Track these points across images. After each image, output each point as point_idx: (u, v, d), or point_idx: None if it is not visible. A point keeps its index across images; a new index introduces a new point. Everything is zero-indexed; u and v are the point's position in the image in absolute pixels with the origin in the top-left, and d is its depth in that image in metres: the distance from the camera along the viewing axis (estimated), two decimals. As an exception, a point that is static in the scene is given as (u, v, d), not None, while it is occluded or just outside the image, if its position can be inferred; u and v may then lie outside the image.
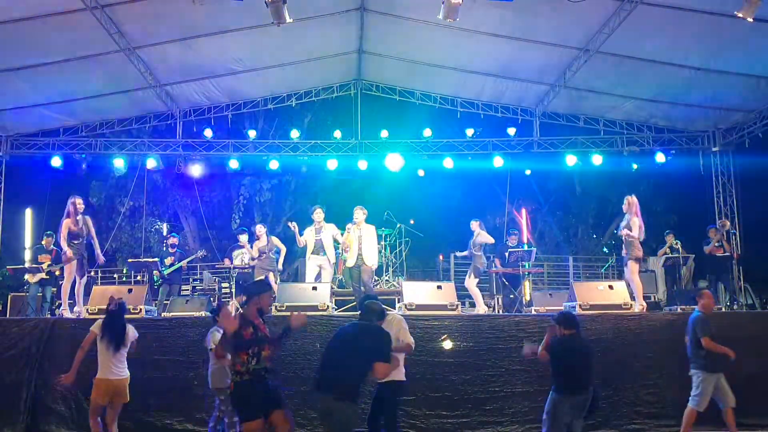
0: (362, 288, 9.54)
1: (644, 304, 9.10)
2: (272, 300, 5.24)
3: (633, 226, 9.12)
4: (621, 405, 7.82)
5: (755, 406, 7.82)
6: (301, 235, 10.39)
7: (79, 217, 9.11)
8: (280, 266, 10.65)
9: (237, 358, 4.81)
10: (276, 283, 10.04)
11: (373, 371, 4.77)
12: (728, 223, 11.64)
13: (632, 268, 9.16)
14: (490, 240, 10.49)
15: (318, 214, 10.31)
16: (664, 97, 12.28)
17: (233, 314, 5.28)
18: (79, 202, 9.16)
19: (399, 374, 5.72)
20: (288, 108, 14.82)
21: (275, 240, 10.66)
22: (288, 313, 8.50)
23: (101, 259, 9.84)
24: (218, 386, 6.49)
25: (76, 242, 9.06)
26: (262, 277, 9.92)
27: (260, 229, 10.63)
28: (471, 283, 10.18)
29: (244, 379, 4.78)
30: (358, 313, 9.15)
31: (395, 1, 10.77)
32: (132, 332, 6.48)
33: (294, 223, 10.53)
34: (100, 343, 6.31)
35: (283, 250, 10.65)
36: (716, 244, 11.23)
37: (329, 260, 10.25)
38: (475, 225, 10.56)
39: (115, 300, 6.50)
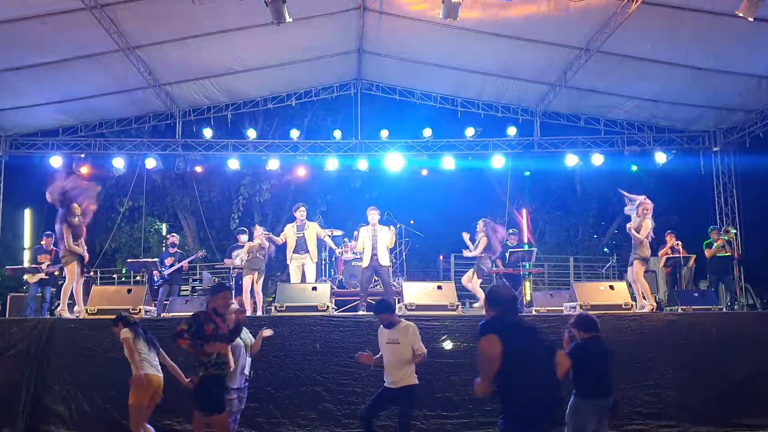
0: (366, 286, 9.67)
1: (654, 303, 9.09)
2: (226, 301, 5.51)
3: (643, 227, 9.10)
4: (621, 405, 7.76)
5: (755, 406, 7.81)
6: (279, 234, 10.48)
7: (77, 218, 9.11)
8: None
9: (201, 351, 5.15)
10: (258, 282, 9.92)
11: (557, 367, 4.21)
12: (732, 231, 11.61)
13: (638, 269, 9.12)
14: (482, 244, 10.06)
15: (302, 212, 10.38)
16: (664, 97, 12.27)
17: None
18: (75, 205, 9.16)
19: (414, 378, 5.94)
20: (288, 108, 14.81)
21: (266, 242, 10.35)
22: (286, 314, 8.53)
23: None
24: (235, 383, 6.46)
25: (76, 243, 9.08)
26: (249, 277, 9.88)
27: (258, 231, 10.36)
28: (475, 283, 10.06)
29: (210, 373, 5.13)
30: (360, 313, 9.15)
31: (395, 0, 10.75)
32: None
33: (269, 233, 10.53)
34: (136, 341, 6.30)
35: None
36: (720, 246, 11.22)
37: (311, 258, 10.22)
38: (479, 226, 10.25)
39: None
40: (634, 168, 14.25)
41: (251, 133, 14.46)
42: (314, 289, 9.08)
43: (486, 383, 3.56)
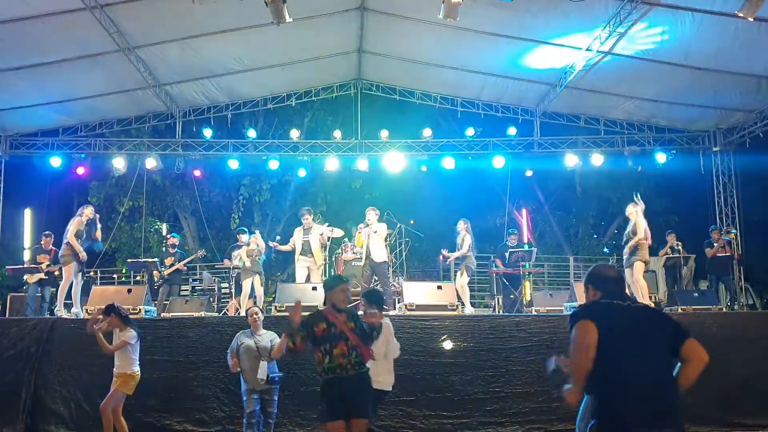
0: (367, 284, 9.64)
1: (652, 305, 9.09)
2: (345, 295, 4.88)
3: (638, 229, 9.12)
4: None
5: (755, 406, 7.82)
6: (287, 240, 10.65)
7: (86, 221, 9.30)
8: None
9: (315, 356, 4.72)
10: (261, 285, 10.16)
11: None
12: (733, 232, 11.62)
13: (638, 269, 9.14)
14: (466, 243, 10.16)
15: (306, 217, 10.46)
16: (664, 97, 12.27)
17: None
18: (90, 210, 9.64)
19: (386, 385, 5.69)
20: (288, 108, 14.80)
21: (262, 244, 10.54)
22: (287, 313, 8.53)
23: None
24: (253, 385, 6.50)
25: (78, 242, 9.25)
26: (249, 279, 9.93)
27: (257, 237, 10.53)
28: (463, 281, 10.09)
29: (323, 378, 4.69)
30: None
31: (395, 0, 10.75)
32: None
33: (276, 243, 10.81)
34: (136, 345, 6.50)
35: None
36: (721, 247, 11.23)
37: (315, 262, 10.27)
38: (461, 226, 10.38)
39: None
40: (639, 168, 14.20)
41: (251, 133, 14.47)
42: (314, 289, 9.08)
43: (580, 382, 2.93)
